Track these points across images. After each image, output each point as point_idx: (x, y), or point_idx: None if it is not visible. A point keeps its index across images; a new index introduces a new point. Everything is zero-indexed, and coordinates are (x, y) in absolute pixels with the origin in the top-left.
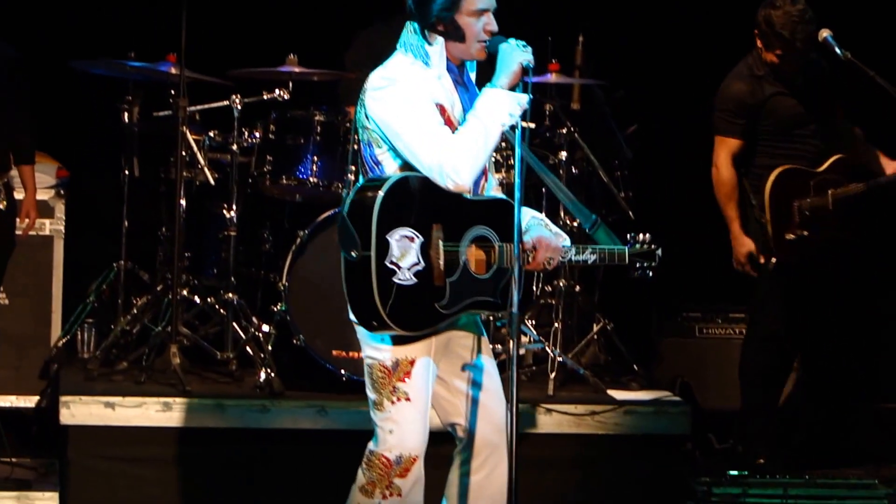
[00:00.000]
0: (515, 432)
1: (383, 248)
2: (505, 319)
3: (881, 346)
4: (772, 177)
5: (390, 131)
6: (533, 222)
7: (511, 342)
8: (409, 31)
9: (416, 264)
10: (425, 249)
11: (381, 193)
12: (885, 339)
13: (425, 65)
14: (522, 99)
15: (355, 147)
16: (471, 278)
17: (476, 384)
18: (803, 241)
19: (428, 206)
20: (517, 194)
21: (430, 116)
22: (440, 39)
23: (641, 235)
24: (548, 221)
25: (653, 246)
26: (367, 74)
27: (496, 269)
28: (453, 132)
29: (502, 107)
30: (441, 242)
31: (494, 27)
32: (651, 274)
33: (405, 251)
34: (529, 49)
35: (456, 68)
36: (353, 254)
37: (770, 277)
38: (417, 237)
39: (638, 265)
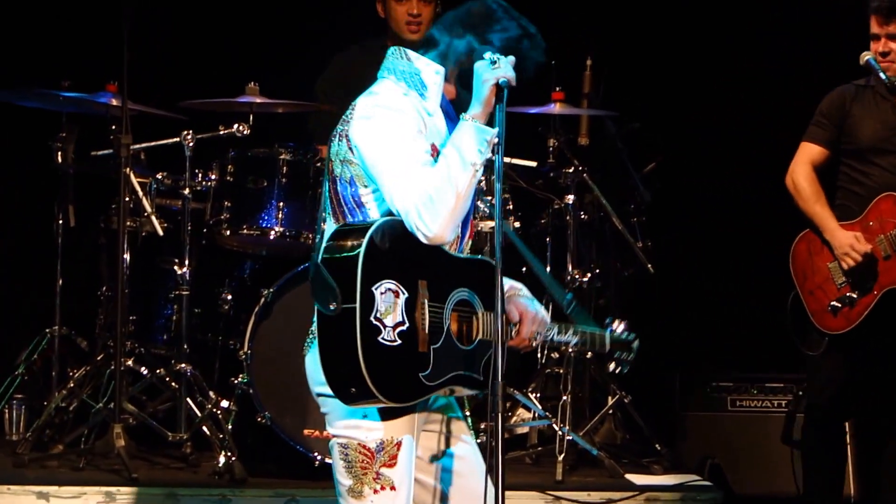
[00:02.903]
0: None
1: (368, 301)
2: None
3: None
4: (794, 244)
5: (374, 167)
6: (514, 292)
7: (497, 418)
8: (399, 57)
9: (401, 324)
10: (410, 308)
11: (366, 237)
12: None
13: (421, 97)
14: (491, 133)
15: (329, 185)
16: (454, 348)
17: (455, 470)
18: (853, 303)
19: (414, 259)
20: (497, 238)
21: (418, 156)
22: (441, 70)
23: (618, 324)
24: (528, 293)
25: (630, 335)
26: (342, 105)
27: (479, 341)
28: None
29: (471, 144)
30: (427, 301)
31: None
32: (628, 369)
33: (390, 307)
34: (503, 60)
35: (448, 103)
36: (331, 307)
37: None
38: (402, 292)
39: (617, 355)
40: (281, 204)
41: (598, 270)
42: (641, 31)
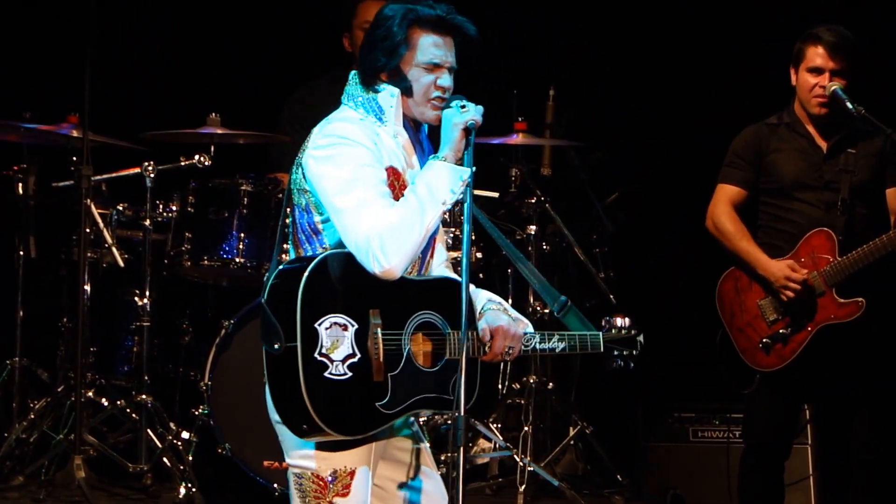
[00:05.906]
0: None
1: (311, 338)
2: (449, 424)
3: None
4: (720, 283)
5: (325, 198)
6: (489, 306)
7: (458, 451)
8: (356, 83)
9: (351, 356)
10: (361, 339)
11: (305, 275)
12: None
13: (379, 120)
14: (465, 173)
15: (287, 215)
16: (416, 372)
17: (417, 491)
18: (786, 340)
19: (363, 288)
20: (464, 274)
21: (373, 186)
22: (396, 91)
23: (619, 319)
24: (506, 305)
25: (633, 331)
26: (305, 137)
27: (445, 362)
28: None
29: (443, 183)
30: (379, 330)
31: (447, 83)
32: (632, 365)
33: (337, 341)
34: (470, 107)
35: (412, 127)
36: (275, 346)
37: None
38: (351, 324)
39: (616, 353)
40: (242, 235)
41: None
42: (605, 61)
